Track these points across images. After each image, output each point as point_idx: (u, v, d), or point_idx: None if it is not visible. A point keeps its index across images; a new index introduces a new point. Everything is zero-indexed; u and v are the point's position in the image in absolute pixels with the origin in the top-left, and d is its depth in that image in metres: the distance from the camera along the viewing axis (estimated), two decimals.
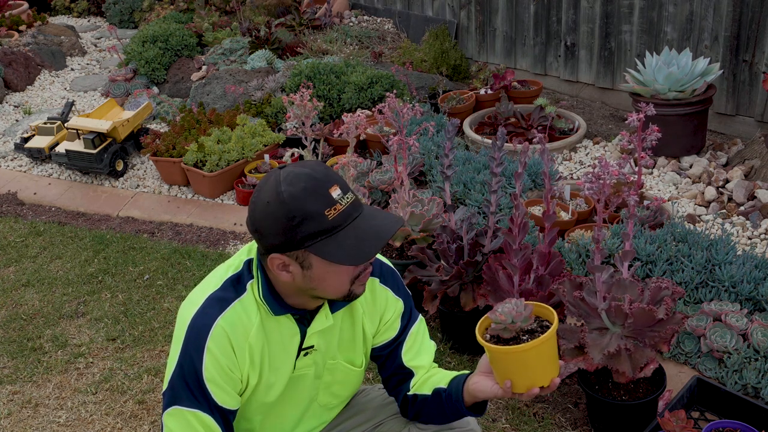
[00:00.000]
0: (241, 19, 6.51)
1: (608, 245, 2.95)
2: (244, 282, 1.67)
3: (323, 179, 1.54)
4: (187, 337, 1.63)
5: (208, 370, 1.61)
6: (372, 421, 1.95)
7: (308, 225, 1.51)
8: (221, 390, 1.63)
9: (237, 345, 1.64)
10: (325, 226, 1.52)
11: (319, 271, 1.57)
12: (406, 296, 1.88)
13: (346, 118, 3.24)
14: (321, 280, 1.59)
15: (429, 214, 3.10)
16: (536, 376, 1.62)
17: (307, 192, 1.52)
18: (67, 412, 2.85)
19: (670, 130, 3.87)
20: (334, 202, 1.53)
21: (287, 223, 1.52)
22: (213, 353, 1.61)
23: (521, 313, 1.63)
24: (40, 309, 3.55)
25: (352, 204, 1.56)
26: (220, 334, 1.62)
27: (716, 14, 4.27)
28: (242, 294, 1.66)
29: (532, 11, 5.35)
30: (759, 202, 3.48)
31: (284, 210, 1.52)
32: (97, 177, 4.85)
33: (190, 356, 1.61)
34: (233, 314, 1.64)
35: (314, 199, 1.52)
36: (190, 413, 1.61)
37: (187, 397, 1.61)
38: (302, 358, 1.75)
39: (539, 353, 1.59)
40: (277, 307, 1.66)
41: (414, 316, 1.89)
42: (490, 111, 4.73)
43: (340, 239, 1.53)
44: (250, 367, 1.68)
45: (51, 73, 6.69)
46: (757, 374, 2.46)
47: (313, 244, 1.53)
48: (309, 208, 1.51)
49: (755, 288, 2.71)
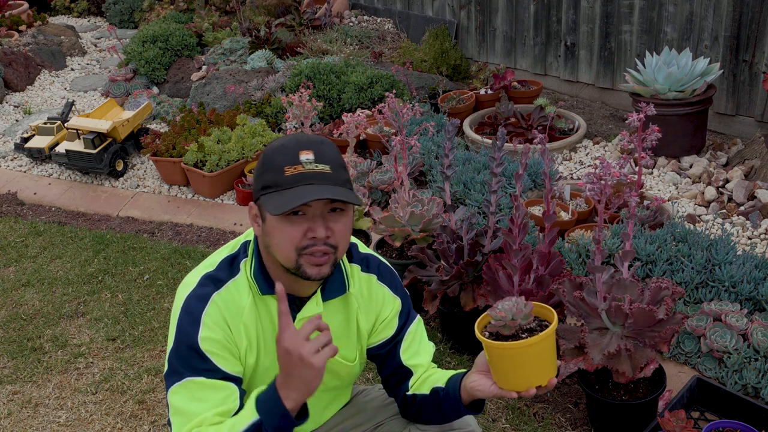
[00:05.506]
0: (241, 19, 6.51)
1: (608, 245, 2.95)
2: (238, 261, 1.71)
3: (302, 141, 1.60)
4: (182, 315, 1.64)
5: (204, 341, 1.61)
6: (372, 421, 1.95)
7: (268, 175, 1.59)
8: (221, 358, 1.63)
9: (232, 323, 1.66)
10: (278, 179, 1.57)
11: (269, 225, 1.61)
12: (404, 296, 1.88)
13: (346, 118, 3.24)
14: (271, 236, 1.61)
15: (429, 214, 3.10)
16: (534, 375, 1.61)
17: (280, 148, 1.60)
18: (67, 412, 2.85)
19: (670, 130, 3.87)
20: (298, 162, 1.57)
21: (258, 170, 1.63)
22: (208, 326, 1.63)
23: (522, 310, 1.62)
24: (40, 309, 3.55)
25: (319, 172, 1.57)
26: (215, 310, 1.64)
27: (716, 14, 4.27)
28: (236, 274, 1.69)
29: (532, 11, 5.35)
30: (759, 202, 3.48)
31: (262, 158, 1.63)
32: (97, 177, 4.85)
33: (186, 331, 1.62)
34: (227, 294, 1.67)
35: (283, 154, 1.59)
36: (191, 382, 1.61)
37: (188, 369, 1.61)
38: None
39: (538, 351, 1.59)
40: (265, 286, 1.68)
41: (412, 315, 1.90)
42: (490, 111, 4.73)
43: (284, 195, 1.56)
44: (248, 347, 1.69)
45: (51, 73, 6.69)
46: (757, 374, 2.46)
47: (264, 194, 1.59)
48: (274, 161, 1.59)
49: (755, 288, 2.71)
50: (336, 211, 1.60)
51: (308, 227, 1.58)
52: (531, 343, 1.57)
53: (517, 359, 1.59)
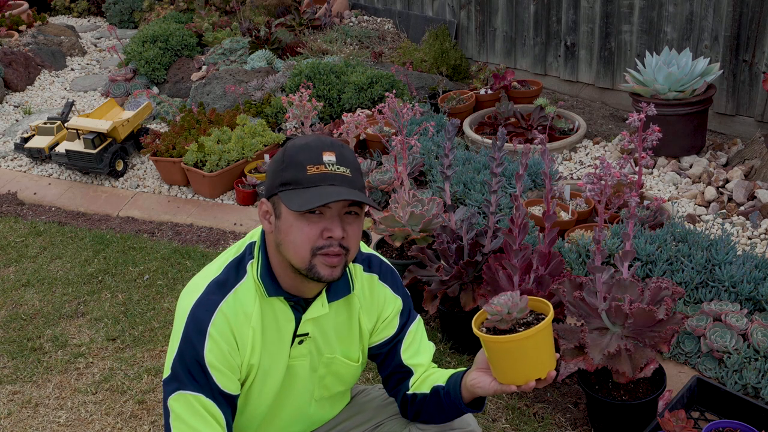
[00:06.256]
0: (241, 19, 6.51)
1: (608, 245, 2.95)
2: (244, 263, 1.70)
3: (326, 143, 1.61)
4: (189, 323, 1.64)
5: (209, 355, 1.62)
6: (372, 421, 1.95)
7: (289, 172, 1.59)
8: (222, 375, 1.64)
9: (238, 331, 1.66)
10: (300, 177, 1.57)
11: (284, 222, 1.60)
12: (404, 295, 1.89)
13: (346, 118, 3.24)
14: (285, 234, 1.61)
15: (429, 214, 3.10)
16: (532, 368, 1.62)
17: (304, 147, 1.60)
18: (67, 412, 2.85)
19: (670, 130, 3.87)
20: (321, 162, 1.58)
21: (278, 166, 1.62)
22: (215, 338, 1.63)
23: (517, 303, 1.63)
24: (40, 309, 3.54)
25: (339, 175, 1.59)
26: (222, 321, 1.64)
27: (716, 14, 4.27)
28: (243, 277, 1.69)
29: (532, 11, 5.35)
30: (759, 202, 3.48)
31: (282, 155, 1.62)
32: (97, 177, 4.85)
33: (191, 342, 1.62)
34: (235, 300, 1.66)
35: (306, 153, 1.59)
36: (193, 397, 1.62)
37: (190, 381, 1.62)
38: (297, 347, 1.75)
39: (535, 344, 1.60)
40: (272, 288, 1.68)
41: (413, 315, 1.90)
42: (490, 111, 4.73)
43: (304, 193, 1.56)
44: (251, 352, 1.69)
45: (51, 73, 6.69)
46: (757, 374, 2.46)
47: (284, 190, 1.59)
48: (297, 158, 1.59)
49: (755, 288, 2.71)
50: (351, 214, 1.62)
51: (325, 227, 1.59)
52: (527, 335, 1.58)
53: (514, 352, 1.60)
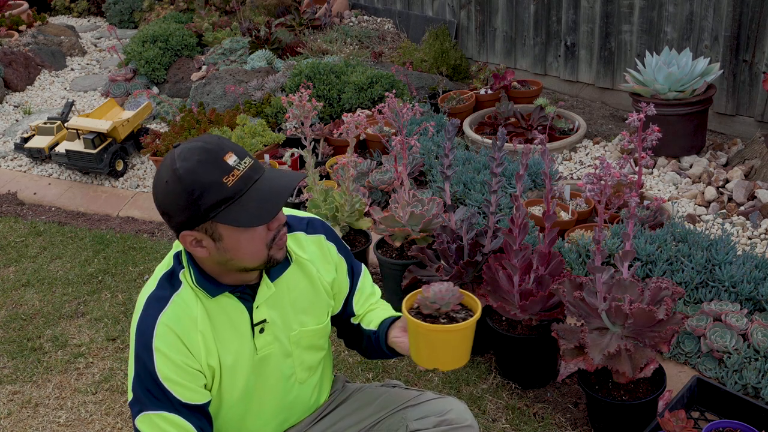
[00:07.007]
0: (241, 19, 6.51)
1: (608, 245, 2.95)
2: (177, 274, 1.69)
3: (216, 149, 1.54)
4: (137, 342, 1.64)
5: (162, 370, 1.62)
6: (370, 419, 1.96)
7: (209, 196, 1.51)
8: (180, 387, 1.64)
9: (187, 338, 1.64)
10: (225, 194, 1.52)
11: (230, 240, 1.58)
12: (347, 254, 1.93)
13: (346, 118, 3.24)
14: (235, 250, 1.59)
15: (429, 214, 3.10)
16: (439, 359, 1.70)
17: (202, 164, 1.51)
18: (67, 412, 2.85)
19: (670, 130, 3.87)
20: (231, 168, 1.53)
21: (188, 197, 1.52)
22: (162, 352, 1.62)
23: (444, 297, 1.70)
24: (40, 309, 3.55)
25: (251, 168, 1.57)
26: (164, 332, 1.62)
27: (716, 14, 4.27)
28: (179, 287, 1.67)
29: (532, 11, 5.35)
30: (759, 202, 3.48)
31: (182, 186, 1.51)
32: (97, 177, 4.85)
33: (142, 360, 1.62)
34: (175, 309, 1.65)
35: (211, 169, 1.51)
36: (156, 416, 1.62)
37: (150, 400, 1.62)
38: (259, 336, 1.75)
39: (446, 340, 1.67)
40: (212, 288, 1.67)
41: (357, 269, 1.95)
42: (490, 111, 4.73)
43: (243, 203, 1.53)
44: (207, 355, 1.68)
45: (51, 73, 6.69)
46: (757, 374, 2.46)
47: (218, 214, 1.53)
48: (207, 179, 1.51)
49: (755, 288, 2.71)
50: None
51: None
52: (437, 329, 1.66)
53: (426, 339, 1.68)
